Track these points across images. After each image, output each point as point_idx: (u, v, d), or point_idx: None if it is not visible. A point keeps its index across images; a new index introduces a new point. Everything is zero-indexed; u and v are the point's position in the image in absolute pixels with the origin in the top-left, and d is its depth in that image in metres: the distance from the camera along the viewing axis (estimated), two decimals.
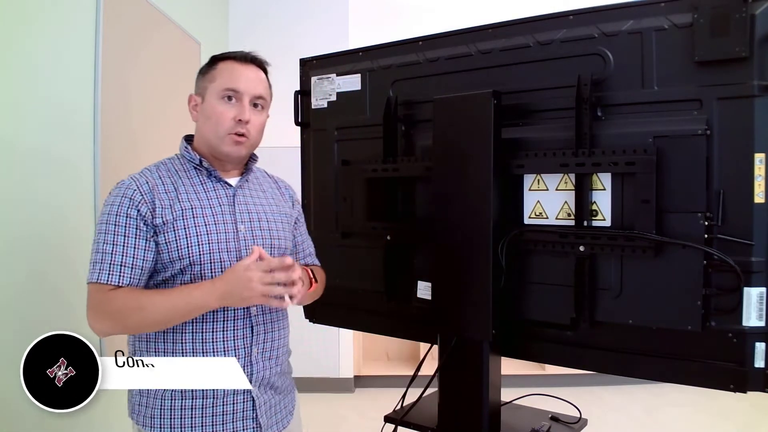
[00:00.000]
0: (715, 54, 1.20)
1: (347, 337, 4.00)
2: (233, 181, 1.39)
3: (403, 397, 1.59)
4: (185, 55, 3.06)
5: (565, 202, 1.39)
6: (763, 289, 1.18)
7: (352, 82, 1.74)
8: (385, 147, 1.66)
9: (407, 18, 3.90)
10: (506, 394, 1.55)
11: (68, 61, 1.93)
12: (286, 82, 1.84)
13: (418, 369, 1.61)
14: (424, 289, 1.61)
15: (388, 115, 1.65)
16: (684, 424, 3.42)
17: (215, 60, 1.37)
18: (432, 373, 1.51)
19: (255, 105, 1.36)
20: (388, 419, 1.57)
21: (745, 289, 1.19)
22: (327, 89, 1.78)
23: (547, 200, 1.42)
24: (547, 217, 1.42)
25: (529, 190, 1.44)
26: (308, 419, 1.74)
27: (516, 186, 1.45)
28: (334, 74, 1.79)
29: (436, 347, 1.53)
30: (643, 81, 1.30)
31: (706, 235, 1.21)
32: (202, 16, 3.45)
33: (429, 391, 1.54)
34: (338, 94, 1.76)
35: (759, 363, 1.19)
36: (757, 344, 1.19)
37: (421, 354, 3.98)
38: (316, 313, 1.85)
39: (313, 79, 1.81)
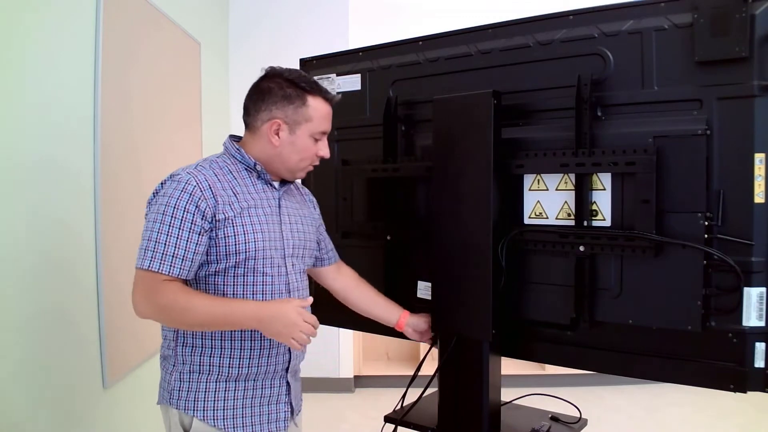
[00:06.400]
0: (715, 54, 1.20)
1: (347, 337, 3.99)
2: (276, 185, 1.47)
3: (403, 397, 1.59)
4: (185, 55, 3.06)
5: (565, 202, 1.39)
6: (763, 289, 1.18)
7: (352, 82, 1.74)
8: (385, 147, 1.66)
9: (407, 18, 3.89)
10: (506, 394, 1.55)
11: (68, 61, 1.93)
12: None
13: (418, 369, 1.61)
14: (424, 289, 1.61)
15: (388, 115, 1.65)
16: (684, 424, 3.41)
17: (306, 92, 1.40)
18: (432, 373, 1.51)
19: None
20: (388, 419, 1.57)
21: (745, 289, 1.19)
22: (327, 89, 1.78)
23: (547, 200, 1.42)
24: (547, 217, 1.42)
25: (529, 190, 1.44)
26: (308, 419, 1.74)
27: (516, 186, 1.45)
28: (334, 74, 1.79)
29: (436, 347, 1.53)
30: (643, 81, 1.30)
31: (706, 235, 1.21)
32: (202, 16, 3.44)
33: (429, 391, 1.54)
34: (338, 94, 1.76)
35: (759, 363, 1.19)
36: (757, 344, 1.19)
37: (421, 354, 3.98)
38: (315, 313, 1.85)
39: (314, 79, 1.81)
